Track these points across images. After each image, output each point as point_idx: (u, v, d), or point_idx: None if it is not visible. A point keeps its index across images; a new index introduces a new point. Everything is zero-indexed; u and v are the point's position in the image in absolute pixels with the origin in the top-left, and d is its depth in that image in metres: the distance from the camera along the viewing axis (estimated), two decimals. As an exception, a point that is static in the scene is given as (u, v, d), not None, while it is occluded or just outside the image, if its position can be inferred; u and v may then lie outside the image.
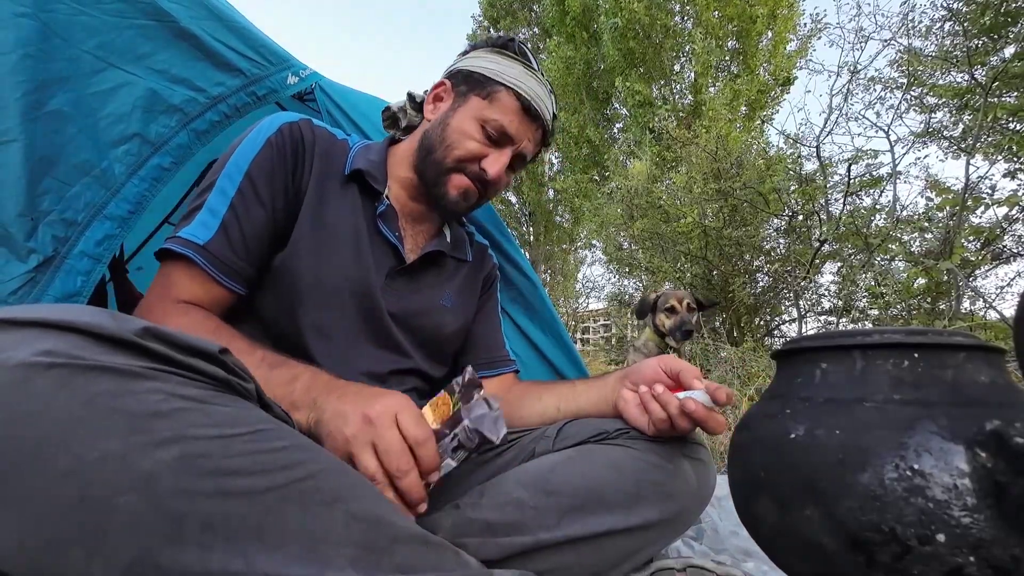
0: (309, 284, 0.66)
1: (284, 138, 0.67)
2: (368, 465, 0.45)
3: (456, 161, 0.73)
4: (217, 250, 0.60)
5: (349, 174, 0.72)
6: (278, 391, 0.50)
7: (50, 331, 0.31)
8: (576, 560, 0.53)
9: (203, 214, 0.61)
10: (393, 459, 0.45)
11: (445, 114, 0.75)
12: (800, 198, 4.26)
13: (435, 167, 0.74)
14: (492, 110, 0.73)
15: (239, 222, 0.62)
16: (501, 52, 0.76)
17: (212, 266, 0.60)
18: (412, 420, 0.47)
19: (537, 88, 0.75)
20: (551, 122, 0.80)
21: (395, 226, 0.74)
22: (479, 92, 0.74)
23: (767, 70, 7.47)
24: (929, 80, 4.13)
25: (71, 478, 0.28)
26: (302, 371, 0.53)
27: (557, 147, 10.10)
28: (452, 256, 0.82)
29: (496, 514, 0.53)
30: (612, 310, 7.67)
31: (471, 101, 0.74)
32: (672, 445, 0.63)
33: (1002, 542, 0.29)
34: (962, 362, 0.35)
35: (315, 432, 0.48)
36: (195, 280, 0.60)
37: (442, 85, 0.78)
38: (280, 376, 0.52)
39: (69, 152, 0.73)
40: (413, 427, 0.46)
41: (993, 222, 3.46)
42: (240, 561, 0.31)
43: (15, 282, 0.67)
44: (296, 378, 0.52)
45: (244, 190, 0.63)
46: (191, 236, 0.60)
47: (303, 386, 0.51)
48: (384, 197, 0.74)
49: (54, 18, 0.72)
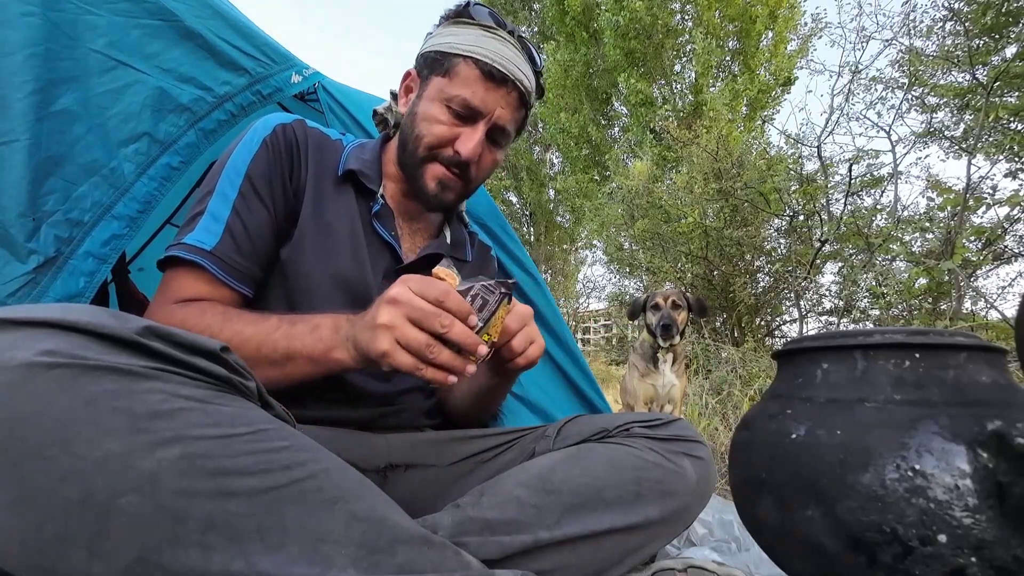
0: (310, 282, 0.66)
1: (279, 139, 0.67)
2: (417, 338, 0.47)
3: (428, 149, 0.69)
4: (225, 254, 0.61)
5: (343, 174, 0.72)
6: (307, 340, 0.53)
7: (52, 331, 0.31)
8: (577, 559, 0.53)
9: (206, 219, 0.62)
10: (433, 319, 0.47)
11: (413, 103, 0.72)
12: (801, 198, 4.26)
13: (411, 160, 0.71)
14: (453, 86, 0.67)
15: (243, 224, 0.63)
16: (458, 22, 0.70)
17: (222, 271, 0.60)
18: (426, 284, 0.49)
19: (500, 48, 0.68)
20: (530, 78, 0.72)
21: (391, 225, 0.74)
22: (438, 72, 0.69)
23: (768, 70, 7.46)
24: (930, 80, 4.12)
25: (72, 478, 0.28)
26: (320, 319, 0.55)
27: (558, 147, 10.09)
28: (452, 258, 0.82)
29: (496, 513, 0.53)
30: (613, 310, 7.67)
31: (432, 83, 0.69)
32: (672, 443, 0.63)
33: (1004, 543, 0.29)
34: (963, 362, 0.35)
35: (361, 356, 0.51)
36: (201, 284, 0.60)
37: (409, 75, 0.75)
38: (302, 329, 0.54)
39: (77, 152, 0.73)
40: (429, 289, 0.49)
41: (994, 222, 3.45)
42: (241, 561, 0.31)
43: (14, 283, 0.67)
44: (318, 326, 0.54)
45: (245, 192, 0.63)
46: (197, 242, 0.60)
47: (329, 330, 0.54)
48: (379, 197, 0.73)
49: (62, 17, 0.72)
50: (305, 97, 1.42)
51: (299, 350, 0.53)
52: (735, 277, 4.61)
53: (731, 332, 4.73)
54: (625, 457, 0.59)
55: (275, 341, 0.54)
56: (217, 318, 0.56)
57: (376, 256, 0.72)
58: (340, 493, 0.37)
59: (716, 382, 2.92)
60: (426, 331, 0.48)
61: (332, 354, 0.53)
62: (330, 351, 0.53)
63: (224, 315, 0.57)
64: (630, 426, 0.64)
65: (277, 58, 0.97)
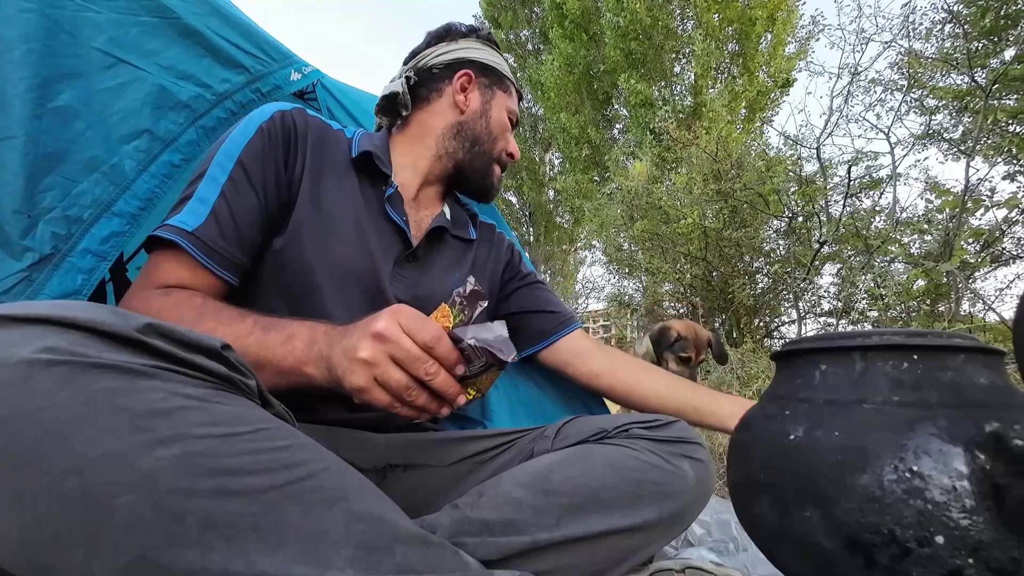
0: (312, 272, 0.64)
1: (276, 126, 0.66)
2: (398, 378, 0.45)
3: (501, 151, 0.83)
4: (206, 236, 0.58)
5: (355, 158, 0.72)
6: (278, 351, 0.50)
7: (52, 328, 0.31)
8: (575, 560, 0.53)
9: (192, 202, 0.60)
10: (418, 365, 0.45)
11: (483, 107, 0.81)
12: (800, 199, 4.26)
13: (484, 158, 0.81)
14: (511, 102, 0.85)
15: (230, 209, 0.60)
16: (489, 45, 0.85)
17: (201, 252, 0.58)
18: (418, 324, 0.46)
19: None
20: None
21: (402, 210, 0.74)
22: (500, 86, 0.83)
23: (767, 72, 7.47)
24: (929, 82, 4.13)
25: (71, 476, 0.28)
26: (297, 327, 0.52)
27: (558, 147, 10.11)
28: (455, 235, 0.81)
29: (495, 514, 0.53)
30: (612, 311, 7.67)
31: (498, 95, 0.83)
32: (671, 445, 0.63)
33: (1001, 544, 0.29)
34: (961, 364, 0.35)
35: (333, 379, 0.48)
36: (182, 267, 0.58)
37: (466, 75, 0.81)
38: (275, 338, 0.51)
39: (77, 149, 0.72)
40: (420, 330, 0.45)
41: (993, 224, 3.46)
42: (240, 561, 0.31)
43: (9, 281, 0.66)
44: (292, 336, 0.51)
45: (235, 177, 0.61)
46: (180, 223, 0.58)
47: (303, 343, 0.50)
48: (391, 181, 0.74)
49: (61, 14, 0.72)
50: (304, 95, 1.42)
51: (269, 360, 0.50)
52: (734, 278, 4.61)
53: (729, 333, 4.73)
54: (624, 458, 0.59)
55: (246, 346, 0.50)
56: (191, 312, 0.54)
57: (386, 242, 0.71)
58: (340, 493, 0.36)
59: (715, 383, 2.93)
60: (409, 374, 0.45)
61: (303, 368, 0.49)
62: (301, 366, 0.49)
63: (199, 310, 0.54)
64: (629, 427, 0.64)
65: (276, 55, 0.97)
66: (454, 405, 0.48)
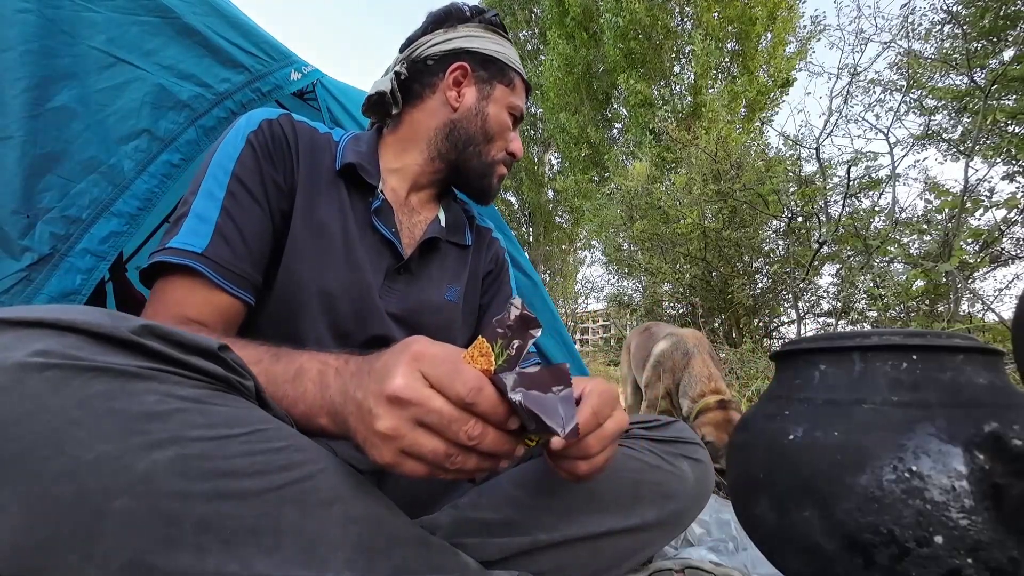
0: (307, 290, 0.62)
1: (266, 135, 0.62)
2: (433, 448, 0.34)
3: (500, 152, 0.77)
4: (217, 255, 0.54)
5: (339, 169, 0.67)
6: (287, 389, 0.44)
7: (46, 331, 0.31)
8: (574, 560, 0.53)
9: (191, 221, 0.55)
10: (456, 428, 0.34)
11: (478, 104, 0.74)
12: (799, 200, 4.27)
13: (481, 159, 0.76)
14: (515, 97, 0.77)
15: (235, 224, 0.57)
16: (494, 31, 0.77)
17: (216, 273, 0.54)
18: (448, 372, 0.35)
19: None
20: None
21: (391, 221, 0.69)
22: (501, 80, 0.76)
23: (766, 72, 7.48)
24: (929, 83, 4.14)
25: (65, 480, 0.28)
26: (306, 360, 0.45)
27: (557, 147, 10.11)
28: (450, 242, 0.77)
29: (494, 514, 0.53)
30: (611, 311, 7.66)
31: (498, 89, 0.76)
32: (671, 445, 0.63)
33: (1000, 544, 0.29)
34: (960, 364, 0.35)
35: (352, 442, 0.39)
36: (197, 292, 0.54)
37: (461, 68, 0.73)
38: (283, 370, 0.45)
39: (75, 149, 0.72)
40: (453, 382, 0.34)
41: (992, 224, 3.46)
42: (236, 564, 0.31)
43: (8, 280, 0.66)
44: (302, 373, 0.44)
45: (234, 191, 0.58)
46: (185, 245, 0.54)
47: (314, 384, 0.43)
48: (379, 192, 0.69)
49: (59, 14, 0.72)
50: (304, 95, 1.42)
51: (279, 400, 0.44)
52: (733, 278, 4.61)
53: (728, 333, 4.73)
54: (624, 459, 0.59)
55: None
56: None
57: (374, 255, 0.68)
58: (337, 494, 0.36)
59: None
60: (446, 440, 0.34)
61: (316, 420, 0.42)
62: (314, 416, 0.42)
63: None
64: (629, 428, 0.64)
65: (276, 55, 0.97)
66: (512, 458, 0.38)
